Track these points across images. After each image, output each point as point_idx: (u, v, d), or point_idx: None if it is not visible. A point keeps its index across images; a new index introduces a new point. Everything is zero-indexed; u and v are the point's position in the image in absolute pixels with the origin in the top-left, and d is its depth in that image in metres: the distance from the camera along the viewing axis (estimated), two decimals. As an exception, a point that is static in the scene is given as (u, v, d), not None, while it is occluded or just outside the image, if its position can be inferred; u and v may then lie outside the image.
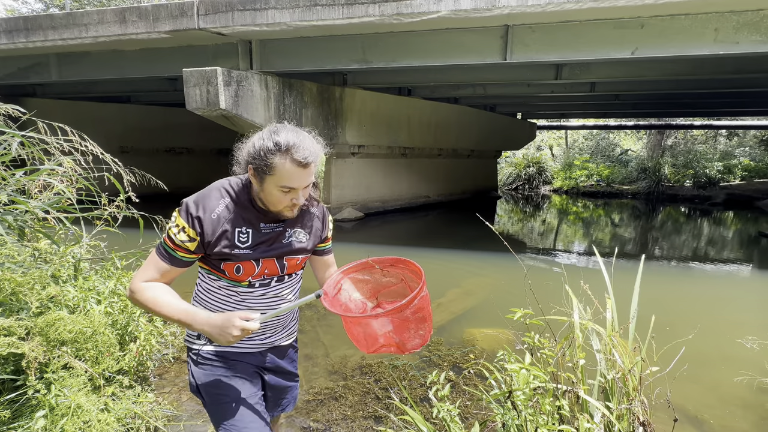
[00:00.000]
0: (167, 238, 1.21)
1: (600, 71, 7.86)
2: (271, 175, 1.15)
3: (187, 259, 1.23)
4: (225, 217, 1.22)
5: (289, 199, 1.20)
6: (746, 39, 5.29)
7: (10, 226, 2.16)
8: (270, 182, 1.17)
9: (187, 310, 1.17)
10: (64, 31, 6.87)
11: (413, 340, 1.22)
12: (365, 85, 9.18)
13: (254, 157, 1.17)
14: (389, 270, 1.39)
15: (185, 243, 1.20)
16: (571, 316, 1.79)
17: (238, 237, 1.23)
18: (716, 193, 14.97)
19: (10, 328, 1.72)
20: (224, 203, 1.23)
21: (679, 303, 4.84)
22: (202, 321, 1.15)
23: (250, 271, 1.27)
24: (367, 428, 2.34)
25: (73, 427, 1.72)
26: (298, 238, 1.35)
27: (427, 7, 5.35)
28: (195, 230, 1.19)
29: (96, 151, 2.49)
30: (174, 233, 1.20)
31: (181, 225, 1.19)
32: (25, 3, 21.12)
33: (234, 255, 1.23)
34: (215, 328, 1.13)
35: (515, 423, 1.49)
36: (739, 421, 2.55)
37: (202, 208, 1.20)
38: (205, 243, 1.20)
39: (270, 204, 1.23)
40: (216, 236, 1.20)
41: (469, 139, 13.47)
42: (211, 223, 1.20)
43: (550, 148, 25.76)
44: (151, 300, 1.18)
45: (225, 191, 1.25)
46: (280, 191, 1.18)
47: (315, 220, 1.41)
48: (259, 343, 1.40)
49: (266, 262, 1.29)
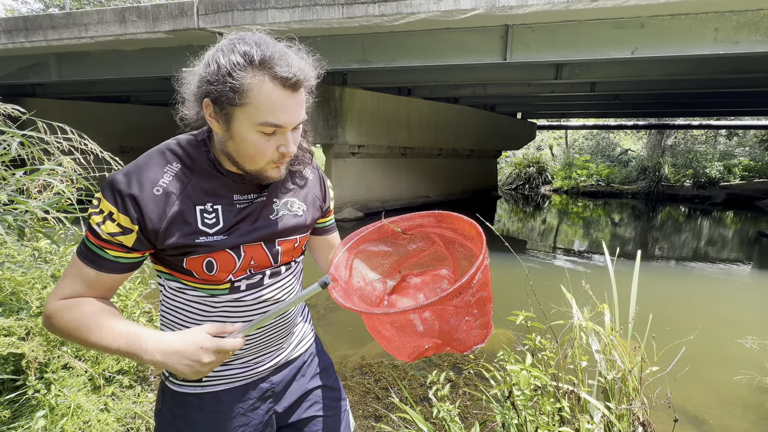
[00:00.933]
0: (89, 233, 0.81)
1: (600, 71, 7.86)
2: (243, 105, 0.76)
3: (124, 260, 0.82)
4: (176, 191, 0.81)
5: (275, 146, 0.81)
6: (746, 39, 5.29)
7: (10, 226, 2.16)
8: (242, 119, 0.77)
9: (128, 333, 0.77)
10: (64, 30, 6.86)
11: (473, 330, 0.83)
12: (365, 84, 9.18)
13: (212, 81, 0.76)
14: (416, 231, 1.01)
15: (117, 237, 0.79)
16: (572, 317, 1.79)
17: (201, 218, 0.83)
18: (716, 193, 14.97)
19: (10, 328, 1.72)
20: (172, 171, 0.82)
21: (679, 303, 4.84)
22: (152, 347, 0.76)
23: (228, 265, 0.87)
24: (368, 428, 2.34)
25: (73, 427, 1.72)
26: (291, 210, 0.95)
27: (427, 6, 5.35)
28: (130, 216, 0.78)
29: (96, 151, 2.49)
30: (97, 223, 0.79)
31: (107, 210, 0.78)
32: (25, 3, 21.12)
33: (200, 245, 0.83)
34: (174, 356, 0.76)
35: (515, 423, 1.49)
36: (738, 420, 2.55)
37: (137, 183, 0.79)
38: (149, 233, 0.80)
39: (245, 159, 0.82)
40: (167, 221, 0.80)
41: (469, 139, 13.46)
42: (154, 202, 0.80)
43: (550, 147, 25.75)
44: (71, 324, 0.77)
45: (171, 153, 0.84)
46: (258, 134, 0.79)
47: (310, 185, 1.01)
48: (253, 368, 0.97)
49: (251, 250, 0.89)
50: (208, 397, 0.94)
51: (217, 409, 0.94)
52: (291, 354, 1.05)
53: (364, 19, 5.69)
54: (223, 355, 0.80)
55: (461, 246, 0.96)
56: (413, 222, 1.01)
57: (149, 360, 0.76)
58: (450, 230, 0.97)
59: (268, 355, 1.00)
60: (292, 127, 0.81)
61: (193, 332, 0.80)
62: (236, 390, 0.96)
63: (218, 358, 0.79)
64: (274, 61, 0.75)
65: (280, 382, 1.02)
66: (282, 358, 1.03)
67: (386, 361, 3.07)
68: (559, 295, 2.00)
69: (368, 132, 9.75)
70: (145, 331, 0.78)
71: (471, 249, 0.91)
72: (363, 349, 3.29)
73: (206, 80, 0.77)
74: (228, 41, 0.78)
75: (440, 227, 0.99)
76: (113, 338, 0.76)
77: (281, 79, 0.75)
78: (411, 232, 1.03)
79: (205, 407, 0.94)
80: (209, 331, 0.81)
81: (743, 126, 19.30)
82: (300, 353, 1.07)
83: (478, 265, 0.77)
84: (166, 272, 0.91)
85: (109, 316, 0.80)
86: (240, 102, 0.76)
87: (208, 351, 0.77)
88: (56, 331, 0.80)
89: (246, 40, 0.77)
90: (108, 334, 0.77)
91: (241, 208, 0.88)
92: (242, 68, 0.74)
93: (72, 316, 0.79)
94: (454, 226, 0.96)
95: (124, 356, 0.80)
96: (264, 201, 0.91)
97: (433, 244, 1.01)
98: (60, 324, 0.79)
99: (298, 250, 0.99)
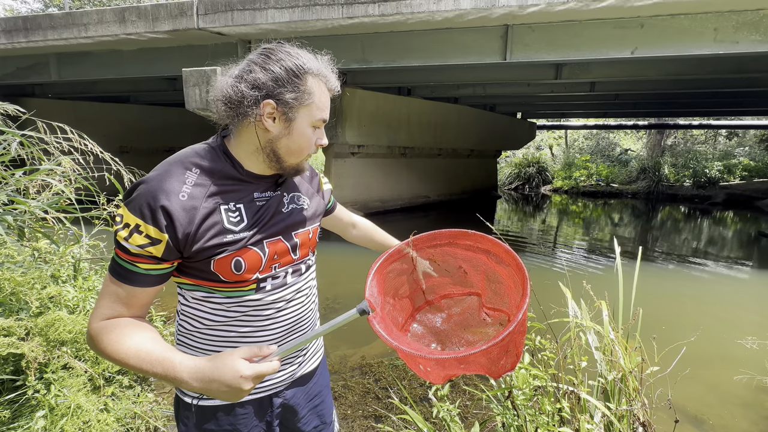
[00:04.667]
0: (118, 249, 0.83)
1: (600, 71, 7.86)
2: (308, 105, 0.87)
3: (155, 272, 0.84)
4: (200, 195, 0.85)
5: (314, 140, 0.93)
6: (746, 38, 5.29)
7: (9, 226, 2.16)
8: (303, 116, 0.88)
9: (164, 360, 0.77)
10: (64, 30, 6.86)
11: (508, 359, 0.88)
12: (365, 84, 9.18)
13: (281, 83, 0.84)
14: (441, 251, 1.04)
15: (146, 249, 0.81)
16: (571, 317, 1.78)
17: (227, 217, 0.87)
18: (716, 192, 14.97)
19: (9, 328, 1.71)
20: (193, 177, 0.86)
21: (679, 302, 4.84)
22: (187, 377, 0.76)
23: (254, 263, 0.90)
24: (367, 428, 2.33)
25: (72, 427, 1.71)
26: (298, 203, 1.01)
27: (427, 6, 5.35)
28: (159, 225, 0.80)
29: (96, 151, 2.49)
30: (124, 238, 0.81)
31: (133, 223, 0.81)
32: (25, 2, 21.11)
33: (228, 243, 0.86)
34: (212, 384, 0.75)
35: (515, 423, 1.49)
36: (738, 420, 2.55)
37: (162, 192, 0.81)
38: (180, 241, 0.82)
39: (294, 153, 0.91)
40: (196, 225, 0.83)
41: (469, 139, 13.46)
42: (182, 207, 0.82)
43: (549, 147, 25.76)
44: (112, 347, 0.79)
45: (190, 162, 0.87)
46: (312, 128, 0.91)
47: (307, 179, 1.09)
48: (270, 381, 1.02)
49: (272, 245, 0.94)
50: (225, 408, 0.97)
51: (232, 421, 0.97)
52: (306, 368, 1.09)
53: (364, 19, 5.69)
54: (261, 378, 0.79)
55: (489, 269, 0.98)
56: (441, 239, 1.03)
57: (188, 387, 0.77)
58: (482, 252, 0.99)
59: (287, 368, 1.04)
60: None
61: (228, 359, 0.77)
62: (252, 402, 1.00)
63: (257, 382, 0.79)
64: (325, 71, 0.90)
65: (291, 397, 1.07)
66: (298, 371, 1.07)
67: (386, 361, 3.07)
68: (560, 294, 2.01)
69: (368, 132, 9.74)
70: (178, 358, 0.78)
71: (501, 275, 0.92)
72: (363, 349, 3.29)
73: (277, 81, 0.85)
74: (277, 52, 0.87)
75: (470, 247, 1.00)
76: (150, 365, 0.78)
77: (328, 83, 0.91)
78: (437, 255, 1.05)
79: (221, 420, 0.97)
80: (245, 356, 0.78)
81: (743, 126, 19.30)
82: (312, 368, 1.12)
83: (525, 310, 0.79)
84: (189, 283, 0.93)
85: (145, 340, 0.81)
86: (307, 102, 0.88)
87: (248, 379, 0.76)
88: (100, 354, 0.82)
89: (291, 51, 0.88)
90: (146, 360, 0.78)
91: (260, 205, 0.93)
92: (309, 74, 0.87)
93: (111, 339, 0.80)
94: (486, 248, 0.98)
95: (166, 382, 0.82)
96: (278, 197, 0.97)
97: (460, 268, 1.03)
98: (101, 348, 0.81)
99: (313, 241, 1.06)
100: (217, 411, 0.97)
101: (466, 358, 0.79)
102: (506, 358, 0.87)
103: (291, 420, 1.08)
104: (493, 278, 1.00)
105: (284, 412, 1.06)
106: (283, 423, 1.08)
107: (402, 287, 1.06)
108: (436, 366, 0.85)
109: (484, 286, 1.02)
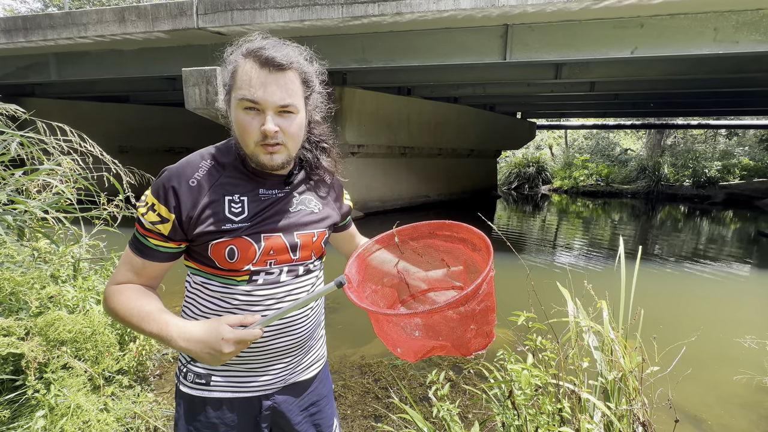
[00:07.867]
0: (137, 223, 0.92)
1: (599, 71, 7.87)
2: (233, 88, 0.88)
3: (163, 249, 0.91)
4: (208, 183, 0.91)
5: (258, 125, 0.86)
6: (745, 38, 5.30)
7: (9, 226, 2.16)
8: (234, 101, 0.88)
9: (160, 320, 0.86)
10: (63, 30, 6.86)
11: (476, 338, 0.89)
12: (365, 84, 9.18)
13: (225, 72, 0.91)
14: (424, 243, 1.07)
15: (156, 226, 0.89)
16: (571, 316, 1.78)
17: (229, 207, 0.92)
18: (716, 192, 14.98)
19: (9, 328, 1.71)
20: (206, 167, 0.93)
21: (679, 302, 4.84)
22: (176, 335, 0.85)
23: (248, 254, 0.93)
24: (367, 428, 2.33)
25: (72, 427, 1.71)
26: (308, 206, 1.02)
27: (427, 6, 5.35)
28: (168, 205, 0.88)
29: (95, 151, 2.49)
30: (142, 214, 0.90)
31: (151, 202, 0.89)
32: (24, 2, 21.10)
33: (226, 231, 0.90)
34: (197, 344, 0.84)
35: (515, 423, 1.49)
36: (738, 420, 2.55)
37: (176, 177, 0.89)
38: (183, 222, 0.89)
39: (241, 141, 0.91)
40: (199, 209, 0.89)
41: (469, 139, 13.47)
42: (189, 191, 0.89)
43: (549, 147, 25.77)
44: (120, 306, 0.89)
45: (208, 154, 0.96)
46: (242, 111, 0.87)
47: (327, 188, 1.10)
48: (259, 377, 1.01)
49: (270, 240, 0.95)
50: (213, 402, 1.00)
51: (219, 415, 1.00)
52: (300, 376, 1.08)
53: (363, 19, 5.69)
54: (243, 344, 0.85)
55: (468, 258, 1.00)
56: (422, 231, 1.05)
57: (175, 346, 0.85)
58: (458, 240, 1.01)
59: (277, 367, 1.02)
60: (273, 107, 0.86)
61: (214, 323, 0.86)
62: (240, 401, 1.01)
63: (237, 348, 0.85)
64: (262, 48, 0.85)
65: (282, 402, 1.06)
66: (291, 377, 1.06)
67: (386, 361, 3.07)
68: (560, 294, 2.01)
69: (368, 132, 9.74)
70: (173, 320, 0.87)
71: (478, 262, 0.94)
72: (363, 349, 3.29)
73: (226, 75, 0.91)
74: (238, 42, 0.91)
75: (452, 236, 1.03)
76: (149, 324, 0.86)
77: (258, 58, 0.85)
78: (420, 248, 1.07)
79: (210, 412, 1.00)
80: (230, 322, 0.86)
81: (743, 126, 19.32)
82: (309, 377, 1.11)
83: (484, 276, 0.81)
84: (193, 267, 0.99)
85: (149, 303, 0.90)
86: (232, 84, 0.88)
87: (228, 342, 0.83)
88: (109, 312, 0.91)
89: (247, 40, 0.90)
90: (146, 318, 0.87)
91: (264, 200, 0.96)
92: (239, 56, 0.87)
93: (120, 300, 0.90)
94: (462, 236, 1.00)
95: (158, 340, 0.89)
96: (286, 196, 0.99)
97: (442, 261, 1.06)
98: (110, 306, 0.90)
99: (317, 245, 1.04)
100: (206, 404, 1.00)
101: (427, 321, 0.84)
102: (477, 337, 0.88)
103: (284, 426, 1.07)
104: (472, 268, 1.01)
105: (275, 417, 1.05)
106: (276, 428, 1.07)
107: (386, 277, 1.08)
108: (400, 331, 0.88)
109: (466, 279, 1.04)
